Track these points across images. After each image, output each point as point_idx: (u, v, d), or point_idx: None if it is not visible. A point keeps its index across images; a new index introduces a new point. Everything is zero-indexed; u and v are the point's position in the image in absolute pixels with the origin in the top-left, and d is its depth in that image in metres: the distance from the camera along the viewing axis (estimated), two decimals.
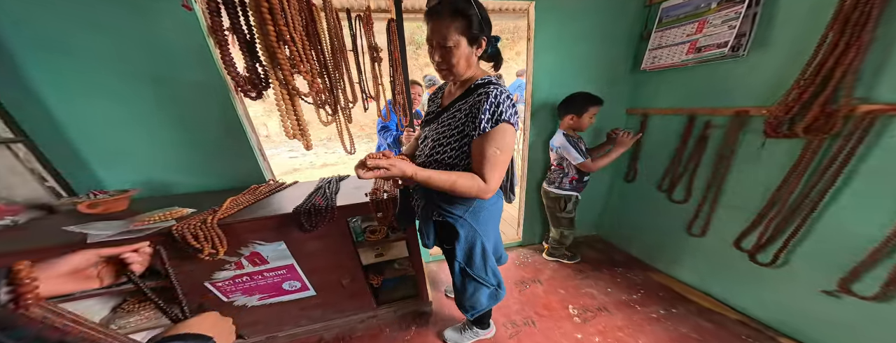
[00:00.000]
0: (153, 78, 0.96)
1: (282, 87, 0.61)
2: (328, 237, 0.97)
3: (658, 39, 1.25)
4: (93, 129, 0.97)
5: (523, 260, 1.74)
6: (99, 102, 0.94)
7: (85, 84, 0.91)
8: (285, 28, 0.56)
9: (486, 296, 0.89)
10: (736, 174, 1.12)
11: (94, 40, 0.87)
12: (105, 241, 0.71)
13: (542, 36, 1.32)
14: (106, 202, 0.90)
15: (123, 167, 1.05)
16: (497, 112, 0.61)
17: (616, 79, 1.47)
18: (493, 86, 0.64)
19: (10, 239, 0.74)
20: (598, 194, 1.80)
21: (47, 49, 0.85)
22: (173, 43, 0.93)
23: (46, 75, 0.87)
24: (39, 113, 0.89)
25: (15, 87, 0.85)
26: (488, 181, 0.63)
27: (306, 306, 1.15)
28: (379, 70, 1.12)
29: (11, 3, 0.79)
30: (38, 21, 0.82)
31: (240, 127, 1.11)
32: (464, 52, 0.62)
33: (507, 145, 0.63)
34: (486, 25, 0.62)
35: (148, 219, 0.81)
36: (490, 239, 0.83)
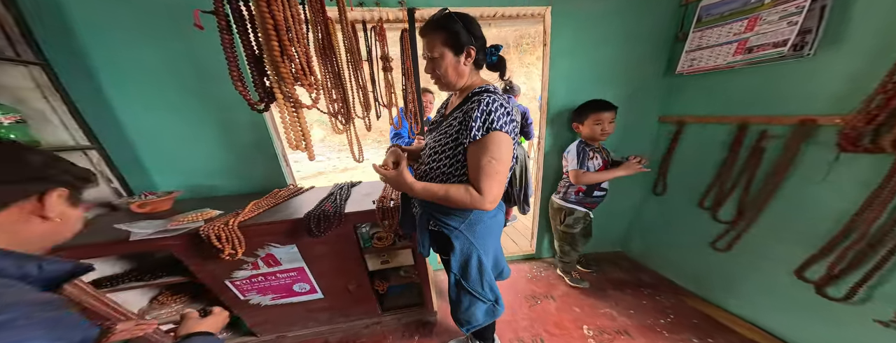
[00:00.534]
0: (197, 91, 1.09)
1: (286, 101, 0.66)
2: (337, 242, 1.01)
3: (697, 40, 1.15)
4: (150, 137, 1.13)
5: (536, 273, 1.66)
6: (156, 113, 1.10)
7: (145, 96, 1.07)
8: (289, 43, 0.61)
9: (482, 311, 0.86)
10: (798, 193, 0.96)
11: (152, 56, 1.02)
12: (144, 238, 0.82)
13: (559, 41, 1.28)
14: (153, 202, 1.03)
15: (172, 171, 1.21)
16: (488, 120, 0.60)
17: (644, 84, 1.38)
18: (487, 94, 0.64)
19: (77, 233, 0.88)
20: (623, 208, 1.66)
21: (116, 63, 1.01)
22: (210, 58, 1.04)
23: (116, 89, 1.04)
24: (110, 122, 1.06)
25: (93, 101, 1.02)
26: (484, 192, 0.62)
27: (314, 309, 1.20)
28: (392, 79, 1.17)
29: (92, 25, 0.95)
30: (111, 39, 0.98)
31: (267, 134, 1.22)
32: (450, 62, 0.64)
33: (502, 154, 0.62)
34: (474, 37, 0.64)
35: (183, 219, 0.92)
36: (488, 253, 0.81)
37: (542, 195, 1.62)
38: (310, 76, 0.66)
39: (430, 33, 0.63)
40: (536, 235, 1.75)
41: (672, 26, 1.28)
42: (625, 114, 1.37)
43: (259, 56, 0.66)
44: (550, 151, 1.51)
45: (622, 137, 1.45)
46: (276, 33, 0.59)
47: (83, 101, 0.97)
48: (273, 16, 0.58)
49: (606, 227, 1.66)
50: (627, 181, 1.23)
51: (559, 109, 1.41)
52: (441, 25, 0.62)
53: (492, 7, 1.18)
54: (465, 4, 1.17)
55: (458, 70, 0.66)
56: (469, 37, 0.63)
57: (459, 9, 1.10)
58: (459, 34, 0.62)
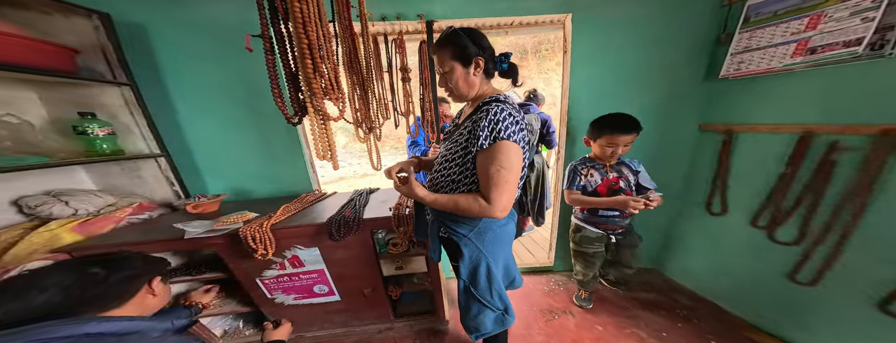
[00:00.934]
0: (243, 103, 1.24)
1: (316, 114, 0.74)
2: (355, 247, 1.07)
3: (744, 41, 1.07)
4: (204, 145, 1.30)
5: (554, 287, 1.59)
6: (210, 124, 1.26)
7: (202, 109, 1.23)
8: (320, 60, 0.68)
9: (491, 319, 0.85)
10: (883, 212, 0.84)
11: (210, 74, 1.16)
12: (196, 237, 0.94)
13: (580, 47, 1.24)
14: (203, 204, 1.18)
15: (219, 175, 1.37)
16: (496, 129, 0.62)
17: (679, 90, 1.29)
18: (495, 104, 0.66)
19: (146, 229, 1.03)
20: (656, 223, 1.55)
21: (182, 80, 1.18)
22: (254, 74, 1.16)
23: (181, 103, 1.22)
24: (174, 133, 1.24)
25: (164, 115, 1.20)
26: (492, 201, 0.63)
27: (331, 310, 1.25)
28: (410, 88, 1.24)
29: (167, 48, 1.12)
30: (180, 59, 1.15)
31: (298, 143, 1.35)
32: (460, 74, 0.67)
33: (511, 164, 0.63)
34: (481, 48, 0.67)
35: (226, 220, 1.04)
36: (498, 262, 0.81)
37: (561, 207, 1.57)
38: (337, 91, 0.74)
39: (440, 50, 0.67)
40: (555, 248, 1.69)
41: (712, 28, 1.19)
42: (658, 122, 1.30)
43: (295, 73, 0.75)
44: (570, 162, 1.46)
45: (658, 146, 1.37)
46: (309, 51, 0.67)
47: (157, 115, 1.16)
48: (307, 35, 0.65)
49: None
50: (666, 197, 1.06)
51: (580, 118, 1.38)
52: (448, 41, 0.66)
53: (509, 17, 1.20)
54: (482, 15, 1.20)
55: (469, 81, 0.69)
56: (476, 49, 0.66)
57: (476, 20, 1.19)
58: (466, 47, 0.65)
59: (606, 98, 1.32)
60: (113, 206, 1.07)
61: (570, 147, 1.45)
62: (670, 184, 1.41)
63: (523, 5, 1.19)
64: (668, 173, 1.41)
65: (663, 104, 1.32)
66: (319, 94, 0.72)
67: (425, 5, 1.16)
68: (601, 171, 1.14)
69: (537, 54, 5.21)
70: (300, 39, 0.66)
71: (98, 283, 0.52)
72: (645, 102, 1.32)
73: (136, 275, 0.59)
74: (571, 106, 1.37)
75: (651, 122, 1.19)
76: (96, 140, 1.00)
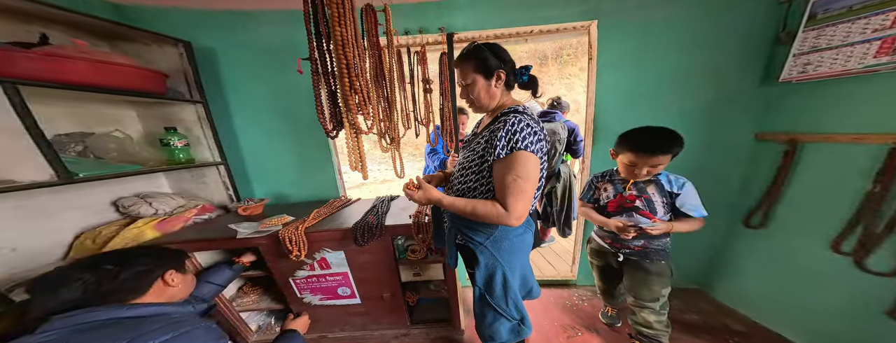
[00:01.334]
0: (286, 116, 1.40)
1: (350, 128, 0.82)
2: (376, 252, 1.13)
3: (811, 40, 0.97)
4: (253, 153, 1.48)
5: (577, 302, 1.51)
6: (258, 134, 1.44)
7: (253, 120, 1.41)
8: (356, 79, 0.76)
9: (506, 328, 0.85)
10: None
11: (261, 89, 1.33)
12: (245, 237, 1.07)
13: (607, 54, 1.21)
14: (251, 207, 1.34)
15: (264, 181, 1.54)
16: (513, 139, 0.64)
17: (728, 95, 1.20)
18: (514, 115, 0.68)
19: (207, 228, 1.20)
20: (700, 239, 1.41)
21: (239, 95, 1.37)
22: (295, 89, 1.33)
23: (238, 116, 1.41)
24: (231, 143, 1.43)
25: (224, 127, 1.39)
26: (509, 209, 0.65)
27: (352, 313, 1.32)
28: (430, 99, 1.31)
29: (230, 68, 1.31)
30: (239, 77, 1.34)
31: (328, 152, 1.48)
32: (482, 86, 0.71)
33: (529, 174, 0.64)
34: (502, 61, 0.71)
35: (268, 222, 1.17)
36: (514, 271, 0.81)
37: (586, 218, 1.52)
38: (368, 106, 0.82)
39: (463, 63, 0.71)
40: (578, 261, 1.62)
41: (768, 27, 1.09)
42: (703, 130, 1.21)
43: (334, 91, 0.85)
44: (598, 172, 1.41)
45: (703, 156, 1.27)
46: (347, 70, 0.75)
47: (220, 127, 1.36)
48: (345, 55, 0.74)
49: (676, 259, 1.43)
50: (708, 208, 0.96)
51: (607, 126, 1.32)
52: (471, 55, 0.70)
53: (531, 26, 1.21)
54: (502, 26, 1.22)
55: (490, 92, 0.72)
56: (497, 62, 0.69)
57: (498, 30, 1.23)
58: (488, 60, 0.69)
59: (639, 104, 1.27)
60: (183, 208, 1.27)
61: (595, 156, 1.41)
62: (717, 197, 1.27)
63: (544, 14, 1.19)
64: (714, 185, 1.29)
65: (708, 110, 1.22)
66: (354, 109, 0.80)
67: (446, 19, 1.23)
68: (618, 186, 1.03)
69: (558, 60, 5.10)
70: (340, 60, 0.75)
71: (112, 278, 0.58)
72: (686, 108, 1.24)
73: (147, 270, 0.64)
74: (598, 114, 1.33)
75: (694, 130, 1.11)
76: (175, 150, 1.21)
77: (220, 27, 1.25)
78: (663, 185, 0.95)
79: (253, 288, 1.41)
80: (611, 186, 1.05)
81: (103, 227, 1.07)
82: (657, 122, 1.21)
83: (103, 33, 1.09)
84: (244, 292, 1.40)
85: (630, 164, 0.94)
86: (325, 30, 0.76)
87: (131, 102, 1.22)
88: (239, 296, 1.38)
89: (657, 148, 0.87)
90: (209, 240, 1.09)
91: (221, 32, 1.27)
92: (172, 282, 0.68)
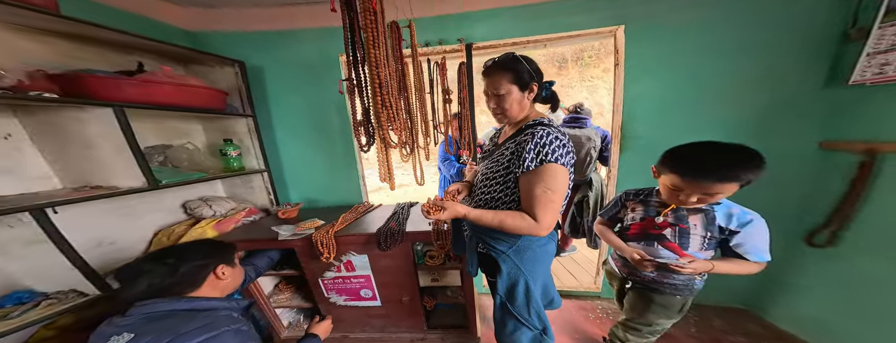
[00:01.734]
0: (318, 127, 1.53)
1: (381, 142, 0.89)
2: (397, 256, 1.20)
3: (890, 37, 0.87)
4: (291, 161, 1.63)
5: (601, 315, 1.45)
6: (295, 144, 1.59)
7: (291, 131, 1.57)
8: (387, 96, 0.82)
9: (527, 337, 0.84)
10: None
11: (298, 102, 1.46)
12: (285, 239, 1.20)
13: (636, 58, 1.16)
14: (287, 211, 1.49)
15: (299, 187, 1.69)
16: (542, 152, 0.64)
17: (783, 101, 1.10)
18: (541, 127, 0.68)
19: (252, 230, 1.34)
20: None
21: (281, 108, 1.52)
22: (332, 104, 1.46)
23: (278, 128, 1.57)
24: (273, 152, 1.59)
25: (268, 137, 1.56)
26: (539, 220, 0.65)
27: (373, 315, 1.39)
28: (449, 108, 1.37)
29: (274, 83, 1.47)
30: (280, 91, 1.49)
31: (354, 160, 1.60)
32: (515, 98, 0.71)
33: (558, 186, 0.65)
34: (536, 74, 0.71)
35: (303, 225, 1.29)
36: (537, 280, 0.81)
37: None
38: (398, 121, 0.89)
39: (497, 73, 0.70)
40: (603, 273, 1.56)
41: (834, 22, 0.99)
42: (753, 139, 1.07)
43: (367, 108, 0.92)
44: (624, 182, 1.37)
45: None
46: (379, 89, 0.82)
47: (265, 138, 1.53)
48: (378, 75, 0.80)
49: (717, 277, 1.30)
50: (768, 219, 0.78)
51: (637, 133, 1.27)
52: (509, 66, 0.70)
53: (554, 33, 1.20)
54: (522, 35, 1.22)
55: (522, 104, 0.73)
56: (533, 75, 0.70)
57: (522, 38, 1.24)
58: (524, 73, 0.69)
59: (672, 112, 1.21)
60: (234, 210, 1.44)
61: (622, 166, 1.37)
62: (770, 212, 1.14)
63: (566, 22, 1.18)
64: (767, 198, 1.15)
65: (760, 118, 1.13)
66: (385, 124, 0.87)
67: (466, 30, 1.27)
68: (651, 210, 0.85)
69: (579, 62, 4.90)
70: (373, 79, 0.81)
71: (173, 272, 0.66)
72: (730, 117, 1.15)
73: (202, 265, 0.71)
74: (626, 121, 1.28)
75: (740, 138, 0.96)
76: (231, 159, 1.39)
77: (267, 47, 1.43)
78: (716, 218, 0.75)
79: (287, 286, 1.54)
80: (642, 208, 0.87)
81: (176, 226, 1.26)
82: (694, 129, 1.19)
83: (179, 58, 1.31)
84: (279, 290, 1.53)
85: (674, 188, 0.74)
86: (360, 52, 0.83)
87: (199, 118, 1.43)
88: (275, 293, 1.52)
89: (717, 174, 0.65)
90: (255, 240, 1.23)
91: (268, 51, 1.44)
92: (223, 275, 0.75)
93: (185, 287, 0.69)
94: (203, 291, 0.71)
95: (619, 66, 1.22)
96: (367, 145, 0.97)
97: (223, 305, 0.69)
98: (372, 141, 0.96)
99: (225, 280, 0.76)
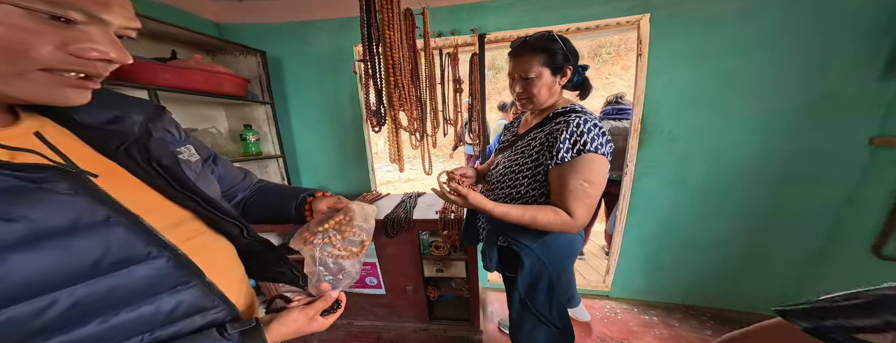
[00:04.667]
0: (332, 116, 1.57)
1: (392, 122, 0.89)
2: (403, 245, 1.20)
3: None
4: (304, 149, 1.68)
5: (610, 315, 1.39)
6: (308, 132, 1.64)
7: (305, 120, 1.62)
8: (399, 77, 0.82)
9: (545, 336, 0.78)
10: None
11: (312, 92, 1.50)
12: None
13: (661, 49, 1.10)
14: None
15: (311, 173, 1.74)
16: (580, 141, 0.58)
17: (833, 94, 1.02)
18: (576, 114, 0.61)
19: None
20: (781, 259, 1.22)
21: (298, 97, 1.60)
22: (346, 94, 1.51)
23: (294, 117, 1.63)
24: (287, 139, 1.65)
25: (284, 125, 1.61)
26: (575, 215, 0.59)
27: (377, 303, 1.39)
28: (459, 99, 1.36)
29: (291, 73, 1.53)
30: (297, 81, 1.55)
31: (364, 148, 1.63)
32: (546, 82, 0.63)
33: (596, 178, 0.59)
34: (572, 56, 0.63)
35: None
36: (560, 277, 0.76)
37: (628, 225, 1.41)
38: (409, 103, 0.89)
39: (528, 53, 0.62)
40: (614, 272, 1.49)
41: (891, 9, 0.92)
42: (793, 134, 1.05)
43: (379, 89, 0.92)
44: (643, 178, 1.31)
45: (795, 165, 1.09)
46: (393, 69, 0.82)
47: (281, 125, 1.58)
48: (392, 56, 0.81)
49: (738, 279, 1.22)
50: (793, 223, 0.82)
51: (661, 127, 1.21)
52: (542, 46, 0.62)
53: (570, 24, 1.16)
54: (537, 26, 1.17)
55: (552, 90, 0.65)
56: (568, 57, 0.62)
57: (532, 30, 1.17)
58: (559, 54, 0.62)
59: (701, 104, 1.14)
60: None
61: (640, 161, 1.30)
62: (812, 214, 1.10)
63: (584, 12, 1.14)
64: (807, 198, 1.10)
65: (802, 112, 1.04)
66: (397, 105, 0.87)
67: (478, 20, 1.25)
68: None
69: (596, 59, 4.82)
70: (387, 60, 0.81)
71: None
72: (768, 110, 1.07)
73: None
74: (647, 115, 1.21)
75: (782, 134, 0.96)
76: (250, 144, 1.46)
77: (286, 37, 1.49)
78: None
79: None
80: None
81: None
82: (727, 123, 1.12)
83: (208, 47, 1.39)
84: None
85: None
86: (376, 34, 0.83)
87: (223, 104, 1.51)
88: None
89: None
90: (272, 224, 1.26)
91: (286, 42, 1.50)
92: None
93: None
94: None
95: (643, 56, 1.16)
96: (378, 126, 0.98)
97: None
98: (383, 121, 0.96)
99: None
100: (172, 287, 0.29)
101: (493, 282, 1.70)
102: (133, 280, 0.27)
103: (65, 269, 0.23)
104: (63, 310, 0.23)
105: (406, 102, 0.90)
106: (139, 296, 0.27)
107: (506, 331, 1.32)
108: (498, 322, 1.39)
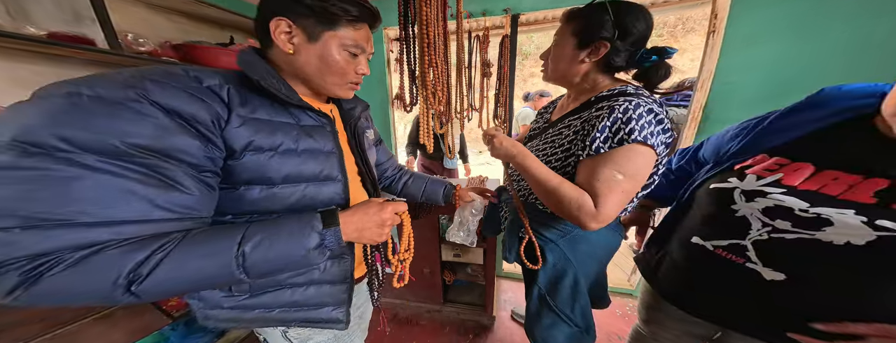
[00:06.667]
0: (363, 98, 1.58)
1: (424, 103, 0.87)
2: (424, 227, 1.22)
3: None
4: None
5: (631, 313, 1.39)
6: None
7: None
8: (434, 56, 0.78)
9: (564, 335, 0.72)
10: None
11: None
12: None
13: (743, 24, 0.94)
14: None
15: None
16: (625, 129, 0.46)
17: None
18: (626, 99, 0.49)
19: None
20: None
21: None
22: (374, 78, 1.41)
23: None
24: None
25: None
26: (600, 206, 0.48)
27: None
28: (487, 84, 1.31)
29: None
30: None
31: (390, 128, 1.62)
32: (566, 52, 0.54)
33: (636, 171, 0.48)
34: (620, 32, 0.50)
35: None
36: (589, 276, 0.70)
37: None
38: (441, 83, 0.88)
39: (569, 19, 0.55)
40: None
41: None
42: None
43: (412, 69, 0.92)
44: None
45: None
46: (427, 48, 0.78)
47: None
48: (427, 34, 0.76)
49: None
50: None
51: (726, 116, 1.05)
52: (584, 13, 0.53)
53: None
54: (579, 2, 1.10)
55: (571, 64, 0.55)
56: (612, 31, 0.50)
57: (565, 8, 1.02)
58: (595, 25, 0.51)
59: (787, 88, 0.95)
60: None
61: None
62: None
63: None
64: None
65: None
66: (429, 85, 0.84)
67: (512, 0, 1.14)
68: None
69: (649, 43, 4.50)
70: (422, 38, 0.78)
71: None
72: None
73: None
74: (712, 101, 1.05)
75: None
76: None
77: None
78: None
79: None
80: None
81: None
82: None
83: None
84: None
85: None
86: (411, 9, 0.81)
87: None
88: None
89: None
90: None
91: None
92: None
93: None
94: None
95: (716, 33, 0.98)
96: (410, 106, 0.97)
97: None
98: (415, 101, 0.95)
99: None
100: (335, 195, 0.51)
101: (508, 270, 1.70)
102: (323, 191, 0.48)
103: (309, 172, 0.46)
104: (298, 198, 0.45)
105: (439, 82, 0.88)
106: (321, 203, 0.49)
107: (519, 320, 1.34)
108: (511, 310, 1.40)
